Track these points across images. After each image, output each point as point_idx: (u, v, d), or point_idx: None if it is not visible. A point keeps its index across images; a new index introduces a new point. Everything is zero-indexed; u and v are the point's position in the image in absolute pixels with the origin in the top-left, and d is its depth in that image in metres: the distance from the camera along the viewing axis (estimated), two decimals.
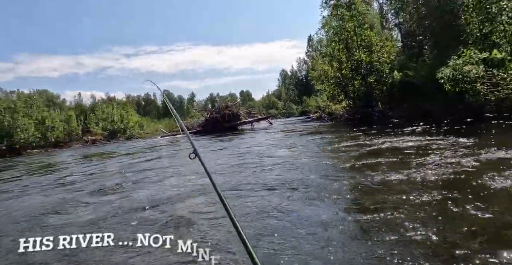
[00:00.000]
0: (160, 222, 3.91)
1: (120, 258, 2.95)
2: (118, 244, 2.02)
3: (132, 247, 2.12)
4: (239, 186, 5.38)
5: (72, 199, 5.76)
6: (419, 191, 3.95)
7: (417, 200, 3.68)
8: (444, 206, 3.41)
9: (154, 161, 10.64)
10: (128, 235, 3.53)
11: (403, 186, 4.29)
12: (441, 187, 4.07)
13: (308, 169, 6.17)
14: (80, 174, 9.33)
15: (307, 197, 4.34)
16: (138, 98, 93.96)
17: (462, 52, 12.89)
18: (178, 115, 2.18)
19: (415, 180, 4.49)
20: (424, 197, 3.74)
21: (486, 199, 3.45)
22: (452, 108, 13.46)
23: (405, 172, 4.91)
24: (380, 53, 19.13)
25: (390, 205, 3.63)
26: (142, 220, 4.05)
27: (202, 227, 3.59)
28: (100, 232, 1.97)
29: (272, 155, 8.55)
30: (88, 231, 2.89)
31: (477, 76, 12.00)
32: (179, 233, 3.47)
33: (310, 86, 46.10)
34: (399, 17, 24.15)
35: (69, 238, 1.83)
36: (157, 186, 6.12)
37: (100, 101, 44.16)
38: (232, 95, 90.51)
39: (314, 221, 3.42)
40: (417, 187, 4.17)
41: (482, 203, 3.31)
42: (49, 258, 3.06)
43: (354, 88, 19.67)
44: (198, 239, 3.17)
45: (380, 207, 3.59)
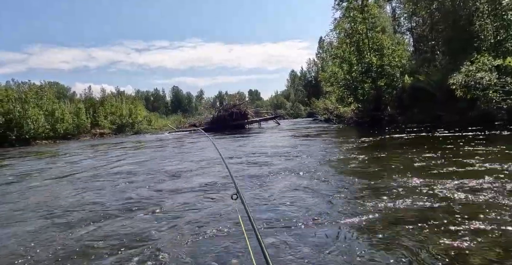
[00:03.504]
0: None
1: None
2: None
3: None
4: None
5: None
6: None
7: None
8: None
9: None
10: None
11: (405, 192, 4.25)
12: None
13: (315, 177, 6.13)
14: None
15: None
16: (147, 93, 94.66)
17: (475, 58, 12.75)
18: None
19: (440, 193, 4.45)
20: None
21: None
22: (463, 115, 13.32)
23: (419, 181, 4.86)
24: (391, 56, 18.98)
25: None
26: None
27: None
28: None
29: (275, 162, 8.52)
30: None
31: (489, 83, 11.87)
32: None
33: (319, 87, 46.01)
34: (411, 21, 24.01)
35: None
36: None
37: (109, 95, 44.30)
38: (240, 94, 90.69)
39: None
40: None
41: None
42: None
43: (363, 91, 19.54)
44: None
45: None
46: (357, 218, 3.44)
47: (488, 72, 12.27)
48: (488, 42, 14.85)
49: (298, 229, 3.26)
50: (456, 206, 3.55)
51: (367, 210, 3.66)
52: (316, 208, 3.89)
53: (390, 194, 4.17)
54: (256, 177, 5.88)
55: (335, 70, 21.16)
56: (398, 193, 4.19)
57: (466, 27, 15.42)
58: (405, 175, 5.05)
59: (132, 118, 38.92)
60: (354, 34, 19.81)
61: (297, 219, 3.53)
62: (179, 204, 4.51)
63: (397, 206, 3.71)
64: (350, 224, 3.31)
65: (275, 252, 2.77)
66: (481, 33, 15.00)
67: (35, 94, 29.58)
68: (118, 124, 36.73)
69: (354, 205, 3.92)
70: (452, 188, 4.22)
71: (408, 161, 6.29)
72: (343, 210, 3.74)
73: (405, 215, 3.43)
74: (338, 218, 3.48)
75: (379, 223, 3.26)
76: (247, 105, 30.52)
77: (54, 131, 29.28)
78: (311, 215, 3.65)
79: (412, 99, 17.00)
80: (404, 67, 18.91)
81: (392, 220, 3.33)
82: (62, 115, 30.86)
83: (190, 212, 4.09)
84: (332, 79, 21.59)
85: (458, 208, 3.50)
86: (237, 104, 28.89)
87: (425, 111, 15.52)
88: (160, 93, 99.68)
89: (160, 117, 53.08)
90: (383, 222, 3.28)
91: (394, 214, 3.50)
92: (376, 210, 3.62)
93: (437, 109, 14.83)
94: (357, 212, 3.62)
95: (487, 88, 11.91)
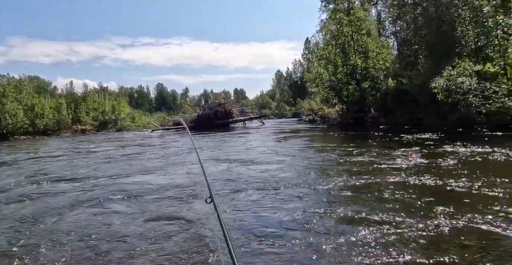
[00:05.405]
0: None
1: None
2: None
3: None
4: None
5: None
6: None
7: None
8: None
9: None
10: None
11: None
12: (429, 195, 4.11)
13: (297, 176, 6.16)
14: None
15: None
16: (131, 90, 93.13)
17: (457, 63, 13.06)
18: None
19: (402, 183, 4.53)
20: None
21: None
22: (444, 118, 13.64)
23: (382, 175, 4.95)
24: (376, 59, 19.26)
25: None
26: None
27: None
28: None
29: (260, 160, 8.53)
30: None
31: (470, 88, 12.18)
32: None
33: (304, 88, 46.26)
34: (396, 25, 24.39)
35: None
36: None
37: (92, 90, 43.35)
38: (226, 92, 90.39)
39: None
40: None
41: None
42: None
43: (348, 92, 19.76)
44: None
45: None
46: (332, 220, 3.52)
47: (469, 77, 12.60)
48: (469, 48, 15.23)
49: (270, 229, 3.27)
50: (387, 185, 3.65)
51: (338, 202, 3.71)
52: (292, 211, 3.93)
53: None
54: (234, 180, 5.86)
55: (321, 71, 21.32)
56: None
57: (449, 33, 15.77)
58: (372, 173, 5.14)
59: (115, 114, 38.17)
60: (340, 36, 20.01)
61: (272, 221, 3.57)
62: (147, 206, 4.47)
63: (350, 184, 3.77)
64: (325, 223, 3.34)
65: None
66: (463, 39, 15.37)
67: (14, 88, 28.74)
68: (101, 121, 35.99)
69: (329, 207, 3.99)
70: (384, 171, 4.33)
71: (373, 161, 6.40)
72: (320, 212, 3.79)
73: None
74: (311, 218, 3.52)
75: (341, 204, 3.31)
76: (232, 104, 30.44)
77: (33, 127, 28.51)
78: (288, 219, 3.68)
79: (395, 101, 17.31)
80: (388, 70, 19.20)
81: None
82: (42, 110, 30.08)
83: (162, 216, 4.03)
84: (317, 80, 21.74)
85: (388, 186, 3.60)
86: (222, 103, 28.77)
87: (407, 114, 15.83)
88: (145, 90, 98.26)
89: (144, 114, 52.27)
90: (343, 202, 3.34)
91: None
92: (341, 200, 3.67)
93: (419, 112, 15.14)
94: (331, 212, 3.74)
95: (467, 92, 12.22)
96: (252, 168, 6.79)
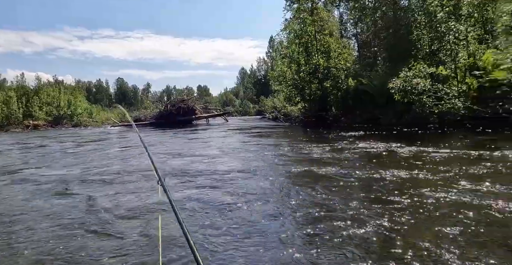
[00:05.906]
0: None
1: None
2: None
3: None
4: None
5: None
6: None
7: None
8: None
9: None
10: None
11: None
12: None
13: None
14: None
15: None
16: (89, 84, 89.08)
17: (412, 65, 13.69)
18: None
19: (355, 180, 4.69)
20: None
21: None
22: (400, 118, 14.27)
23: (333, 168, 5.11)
24: (338, 59, 19.72)
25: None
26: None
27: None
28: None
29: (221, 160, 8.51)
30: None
31: (424, 89, 12.82)
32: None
33: (268, 86, 46.47)
34: (357, 27, 25.18)
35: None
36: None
37: (46, 83, 40.99)
38: (189, 89, 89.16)
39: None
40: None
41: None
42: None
43: (310, 91, 20.12)
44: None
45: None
46: (288, 206, 3.78)
47: (423, 78, 13.26)
48: (424, 51, 16.02)
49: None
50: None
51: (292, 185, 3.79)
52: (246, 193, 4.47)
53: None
54: (184, 171, 6.12)
55: (284, 69, 21.55)
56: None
57: (406, 36, 16.49)
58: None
59: (71, 109, 36.40)
60: (303, 35, 20.27)
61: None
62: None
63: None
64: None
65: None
66: (418, 42, 16.13)
67: None
68: (55, 116, 34.14)
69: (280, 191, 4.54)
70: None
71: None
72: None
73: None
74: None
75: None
76: (195, 101, 30.04)
77: None
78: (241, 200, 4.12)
79: (356, 101, 17.86)
80: (349, 70, 19.73)
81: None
82: None
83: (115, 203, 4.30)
84: (280, 78, 21.95)
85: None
86: (185, 100, 28.32)
87: (366, 113, 16.38)
88: (104, 85, 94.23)
89: (102, 110, 50.28)
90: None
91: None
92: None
93: (378, 111, 15.73)
94: (284, 199, 4.17)
95: (422, 93, 12.86)
96: (204, 161, 7.21)
